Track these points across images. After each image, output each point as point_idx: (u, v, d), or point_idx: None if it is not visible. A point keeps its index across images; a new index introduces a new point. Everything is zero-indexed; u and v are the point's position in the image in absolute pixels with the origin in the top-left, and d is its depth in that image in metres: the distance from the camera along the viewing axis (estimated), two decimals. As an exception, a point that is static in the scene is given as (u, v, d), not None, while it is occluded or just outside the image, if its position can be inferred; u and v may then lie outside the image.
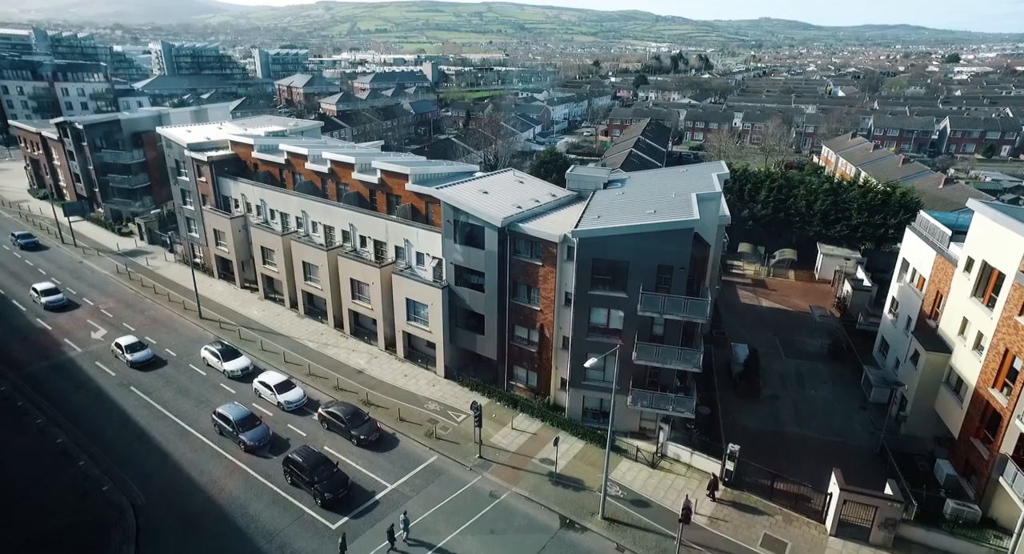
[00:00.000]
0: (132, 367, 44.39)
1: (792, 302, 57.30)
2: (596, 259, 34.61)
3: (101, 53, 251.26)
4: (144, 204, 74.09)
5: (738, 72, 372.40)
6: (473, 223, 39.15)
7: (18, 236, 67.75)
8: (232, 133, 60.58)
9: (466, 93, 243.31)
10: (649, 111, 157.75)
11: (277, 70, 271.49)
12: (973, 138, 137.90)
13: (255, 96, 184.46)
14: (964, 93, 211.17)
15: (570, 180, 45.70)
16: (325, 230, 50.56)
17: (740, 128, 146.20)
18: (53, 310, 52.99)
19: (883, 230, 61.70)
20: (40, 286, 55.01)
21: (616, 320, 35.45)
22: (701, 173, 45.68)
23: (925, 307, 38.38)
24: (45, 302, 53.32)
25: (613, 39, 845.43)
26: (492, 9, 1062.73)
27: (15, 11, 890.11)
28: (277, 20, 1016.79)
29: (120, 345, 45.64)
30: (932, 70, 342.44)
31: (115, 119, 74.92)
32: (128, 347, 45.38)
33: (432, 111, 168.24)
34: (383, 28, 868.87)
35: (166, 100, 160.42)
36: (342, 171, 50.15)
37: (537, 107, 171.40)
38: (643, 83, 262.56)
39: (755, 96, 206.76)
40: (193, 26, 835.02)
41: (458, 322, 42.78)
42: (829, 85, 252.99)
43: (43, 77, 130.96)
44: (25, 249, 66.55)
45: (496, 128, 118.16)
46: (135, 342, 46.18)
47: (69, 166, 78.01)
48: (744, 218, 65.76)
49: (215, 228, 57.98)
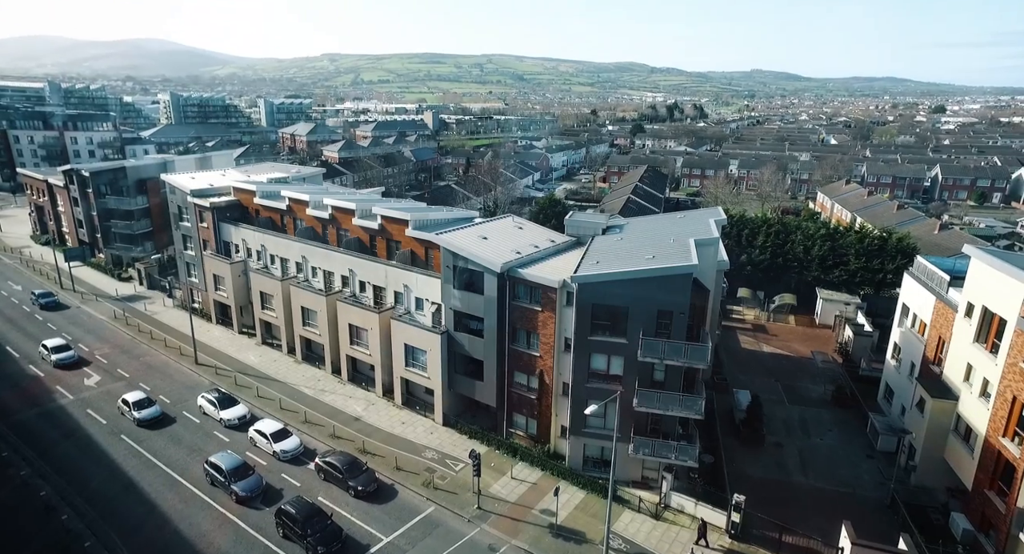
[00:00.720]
0: (140, 426, 42.09)
1: (793, 347, 56.90)
2: (596, 304, 34.53)
3: (111, 103, 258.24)
4: (145, 249, 74.50)
5: (732, 121, 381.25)
6: (472, 268, 39.21)
7: (39, 295, 64.44)
8: (235, 180, 61.41)
9: (466, 141, 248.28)
10: (646, 158, 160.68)
11: (281, 119, 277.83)
12: (964, 185, 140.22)
13: (259, 144, 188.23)
14: (952, 142, 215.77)
15: (569, 226, 46.04)
16: (325, 275, 50.62)
17: (736, 175, 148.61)
18: (63, 368, 50.31)
19: (881, 275, 61.86)
20: (50, 343, 52.21)
21: (616, 366, 35.08)
22: (699, 219, 46.11)
23: (928, 353, 38.06)
24: (55, 359, 50.60)
25: (610, 89, 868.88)
26: (492, 61, 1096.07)
27: (32, 65, 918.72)
28: (283, 71, 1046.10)
29: (127, 401, 43.27)
30: (920, 120, 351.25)
31: (121, 166, 76.22)
32: (136, 404, 43.02)
33: (432, 158, 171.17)
34: (385, 79, 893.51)
35: (172, 148, 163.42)
36: (343, 217, 50.58)
37: (536, 154, 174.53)
38: (640, 131, 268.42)
39: (750, 144, 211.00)
40: (201, 77, 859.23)
41: (457, 368, 42.32)
42: (821, 133, 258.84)
43: (53, 126, 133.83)
44: (46, 309, 63.35)
45: (495, 175, 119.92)
46: (143, 399, 43.77)
47: (73, 212, 78.78)
48: (743, 263, 66.00)
49: (215, 273, 58.06)
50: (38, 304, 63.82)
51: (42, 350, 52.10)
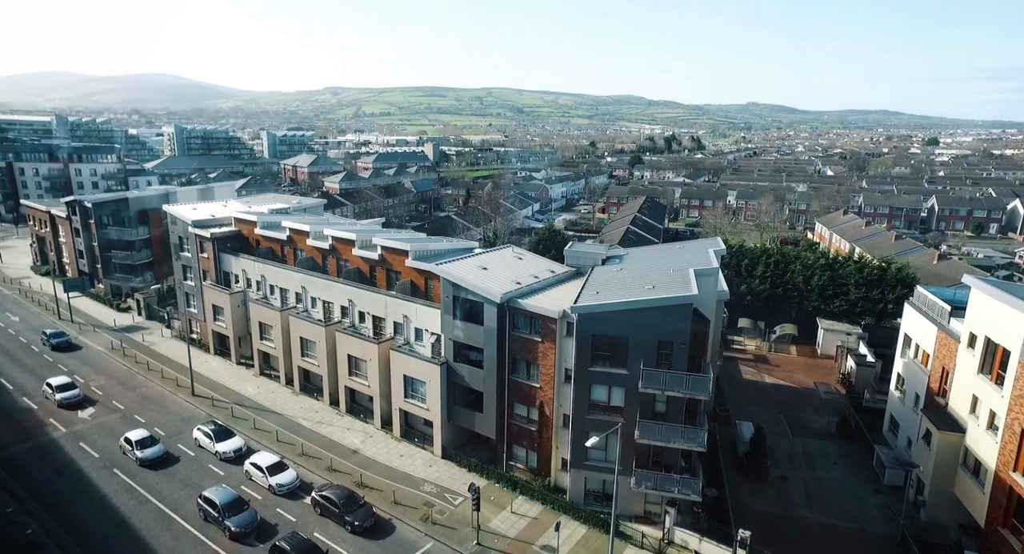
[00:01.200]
0: (142, 465, 40.58)
1: (795, 378, 56.43)
2: (596, 335, 34.34)
3: (116, 136, 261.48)
4: (145, 279, 74.54)
5: (729, 152, 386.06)
6: (472, 299, 39.12)
7: (50, 335, 61.04)
8: (236, 210, 61.75)
9: (466, 172, 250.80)
10: (645, 189, 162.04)
11: (284, 150, 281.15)
12: (961, 216, 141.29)
13: (261, 175, 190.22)
14: (947, 174, 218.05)
15: (569, 256, 46.14)
16: (324, 306, 50.47)
17: (734, 205, 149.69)
18: (67, 407, 48.48)
19: (882, 305, 61.75)
20: (55, 381, 50.12)
21: (617, 397, 34.70)
22: (698, 249, 46.21)
23: (932, 384, 37.69)
24: (60, 399, 48.65)
25: (608, 121, 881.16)
26: (492, 94, 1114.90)
27: (40, 100, 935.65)
28: (286, 104, 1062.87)
29: (130, 440, 41.67)
30: (914, 152, 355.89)
31: (123, 197, 76.86)
32: (139, 443, 41.41)
33: (433, 189, 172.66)
34: (387, 111, 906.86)
35: (174, 179, 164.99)
36: (343, 247, 50.69)
37: (535, 185, 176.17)
38: (638, 162, 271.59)
39: (747, 175, 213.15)
40: (206, 110, 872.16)
41: (456, 399, 41.86)
42: (818, 165, 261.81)
43: (59, 159, 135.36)
44: (57, 349, 60.08)
45: (495, 206, 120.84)
46: (146, 437, 42.21)
47: (74, 243, 79.03)
48: (743, 293, 65.95)
49: (214, 303, 57.92)
50: (49, 344, 60.47)
51: (46, 389, 49.94)
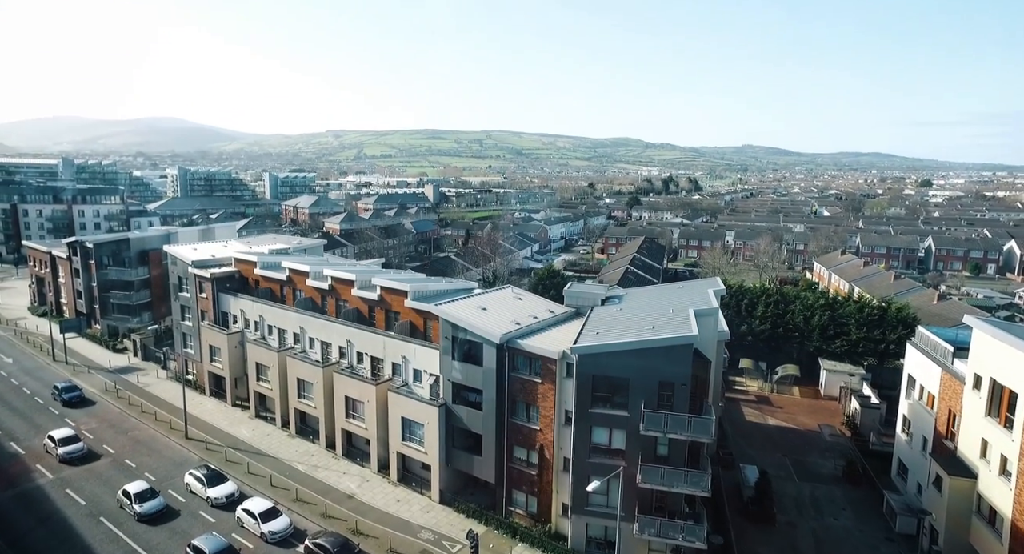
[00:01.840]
0: (140, 521, 38.58)
1: (799, 420, 55.58)
2: (596, 376, 33.97)
3: (121, 178, 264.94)
4: (142, 320, 74.19)
5: (726, 193, 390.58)
6: (471, 339, 38.85)
7: (62, 389, 56.94)
8: (236, 251, 61.95)
9: (466, 213, 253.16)
10: (643, 230, 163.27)
11: (285, 192, 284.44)
12: (958, 256, 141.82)
13: (262, 216, 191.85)
14: (942, 215, 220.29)
15: (568, 296, 46.06)
16: (322, 346, 50.09)
17: (732, 246, 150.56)
18: (68, 463, 45.58)
19: (884, 345, 61.30)
20: (58, 434, 47.33)
21: (618, 440, 34.06)
22: (697, 289, 46.22)
23: (939, 427, 37.06)
24: (62, 453, 45.64)
25: (606, 163, 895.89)
26: (491, 136, 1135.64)
27: (49, 144, 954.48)
28: (289, 146, 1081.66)
29: (128, 493, 39.68)
30: (908, 193, 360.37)
31: (124, 238, 77.18)
32: (137, 496, 39.41)
33: (433, 230, 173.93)
34: (388, 153, 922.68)
35: (176, 220, 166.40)
36: (342, 288, 50.64)
37: (535, 226, 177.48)
38: (636, 203, 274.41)
39: (744, 216, 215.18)
40: (210, 153, 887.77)
41: (455, 442, 41.07)
42: (814, 206, 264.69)
43: (63, 201, 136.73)
44: (68, 405, 55.73)
45: (495, 246, 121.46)
46: (145, 489, 40.28)
47: (73, 283, 78.98)
48: (743, 333, 65.62)
49: (211, 344, 57.48)
50: (60, 399, 56.26)
51: (48, 442, 47.08)
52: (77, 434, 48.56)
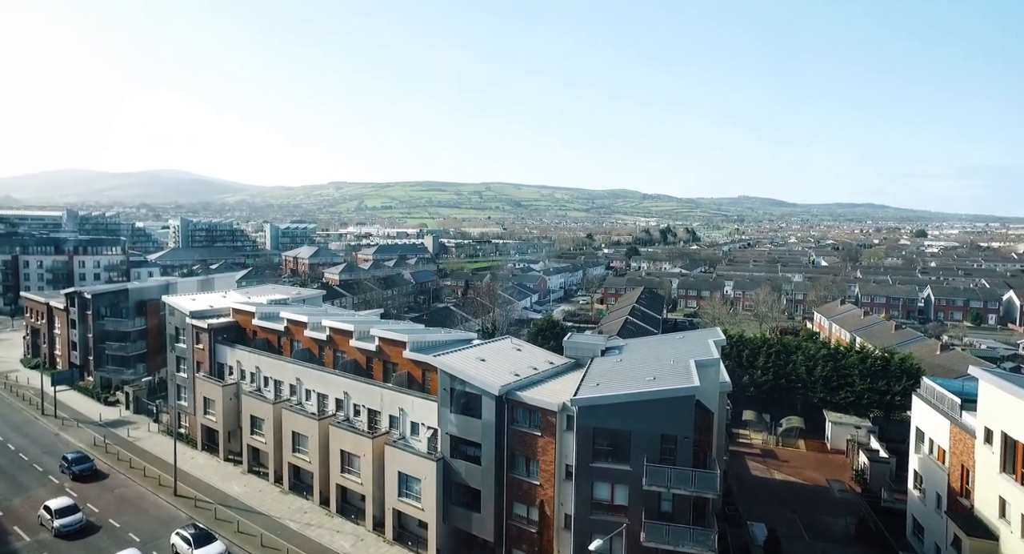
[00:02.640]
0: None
1: (807, 475, 54.08)
2: (597, 428, 33.27)
3: (123, 229, 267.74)
4: (136, 372, 73.24)
5: (724, 244, 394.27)
6: (470, 391, 38.23)
7: (72, 460, 51.74)
8: (235, 301, 61.80)
9: (465, 264, 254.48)
10: (642, 280, 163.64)
11: (286, 243, 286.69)
12: (958, 306, 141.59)
13: (262, 266, 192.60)
14: (939, 265, 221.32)
15: (568, 347, 45.67)
16: (319, 398, 49.25)
17: (732, 296, 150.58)
18: (65, 537, 42.16)
19: (889, 397, 60.36)
20: (55, 504, 43.89)
21: (621, 495, 33.03)
22: (698, 339, 45.86)
23: (953, 483, 35.96)
24: (58, 526, 42.26)
25: (604, 214, 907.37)
26: (491, 188, 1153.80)
27: (56, 196, 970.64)
28: (291, 198, 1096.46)
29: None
30: (904, 243, 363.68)
31: (123, 289, 77.14)
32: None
33: (432, 280, 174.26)
34: (388, 205, 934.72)
35: (176, 270, 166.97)
36: (340, 338, 50.22)
37: (534, 277, 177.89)
38: (635, 254, 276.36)
39: (743, 266, 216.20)
40: (212, 204, 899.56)
41: (452, 498, 39.79)
42: (811, 255, 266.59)
43: (64, 252, 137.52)
44: (79, 479, 50.65)
45: (494, 297, 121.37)
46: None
47: (69, 334, 78.38)
48: (745, 385, 64.72)
49: (205, 396, 56.49)
50: (70, 472, 51.18)
51: (43, 514, 43.65)
52: (76, 504, 44.83)
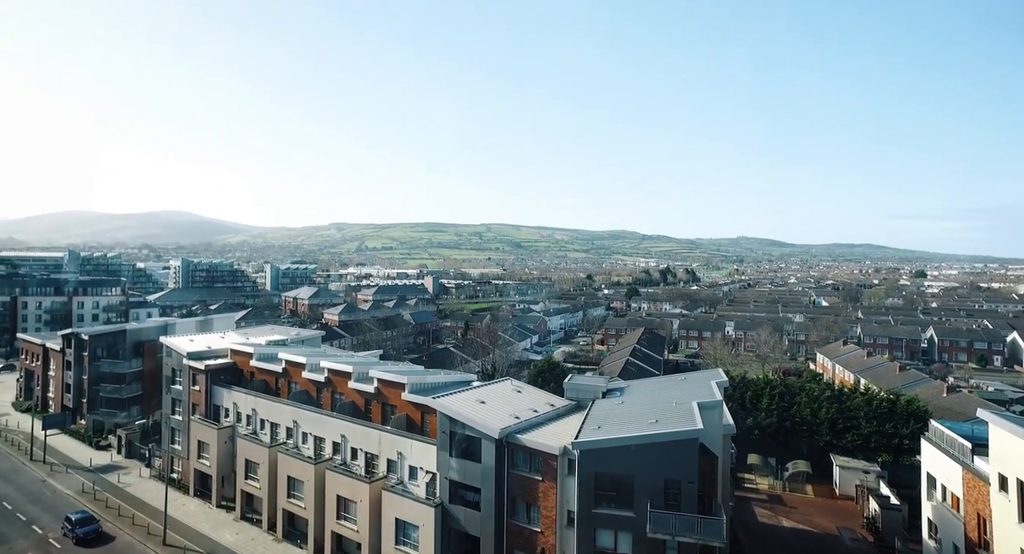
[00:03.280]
0: None
1: (816, 522, 52.50)
2: (599, 473, 32.50)
3: (124, 269, 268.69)
4: (131, 414, 72.11)
5: (724, 284, 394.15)
6: (470, 434, 37.53)
7: (76, 521, 47.50)
8: (233, 342, 61.34)
9: (465, 305, 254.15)
10: (643, 321, 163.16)
11: (286, 283, 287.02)
12: (961, 347, 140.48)
13: (261, 307, 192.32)
14: (940, 305, 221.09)
15: (568, 389, 45.10)
16: (316, 441, 48.30)
17: (733, 336, 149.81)
18: None
19: (897, 440, 59.19)
20: None
21: (624, 543, 31.99)
22: (700, 381, 45.29)
23: (970, 533, 34.77)
24: None
25: (604, 255, 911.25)
26: (491, 229, 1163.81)
27: (59, 237, 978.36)
28: (292, 239, 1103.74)
29: None
30: (904, 284, 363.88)
31: (121, 329, 76.72)
32: None
33: (432, 321, 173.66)
34: (389, 246, 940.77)
35: (175, 311, 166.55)
36: (338, 380, 49.61)
37: (534, 318, 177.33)
38: (635, 294, 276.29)
39: (743, 306, 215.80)
40: (214, 245, 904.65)
41: (451, 546, 38.55)
42: (812, 296, 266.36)
43: (64, 293, 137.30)
44: (82, 543, 46.37)
45: (494, 338, 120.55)
46: None
47: (63, 376, 77.50)
48: (749, 427, 63.62)
49: (200, 439, 55.45)
50: (72, 535, 46.97)
51: None
52: None
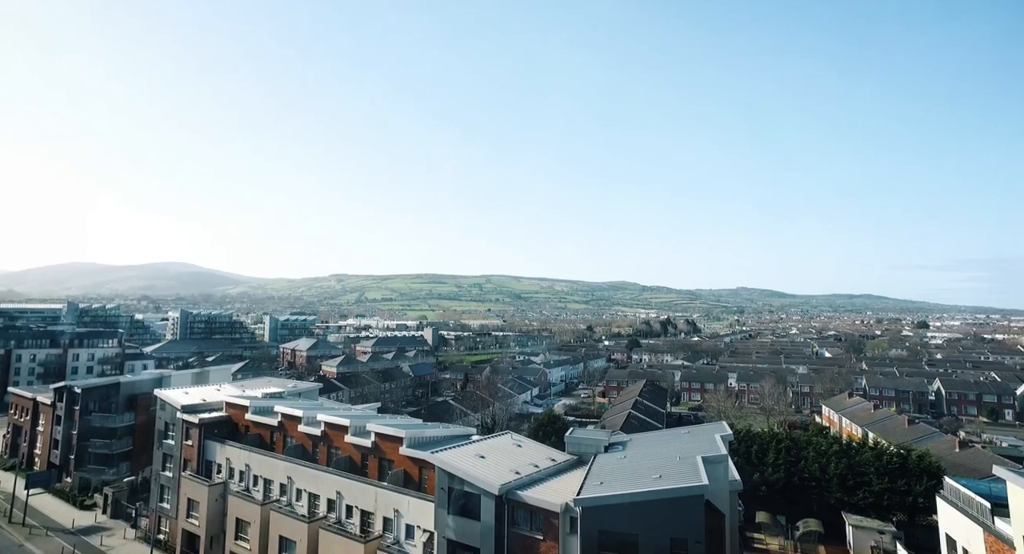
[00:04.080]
0: None
1: (830, 584, 50.24)
2: (602, 531, 31.24)
3: (122, 321, 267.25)
4: (119, 471, 70.16)
5: (725, 335, 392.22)
6: (469, 490, 36.32)
7: None
8: (229, 395, 60.37)
9: (465, 356, 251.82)
10: (644, 373, 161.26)
11: (284, 334, 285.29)
12: (970, 400, 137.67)
13: (259, 358, 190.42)
14: (945, 357, 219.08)
15: (570, 443, 44.05)
16: (310, 498, 46.74)
17: (736, 388, 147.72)
18: None
19: (911, 498, 57.23)
20: None
21: (632, 611, 30.35)
22: (704, 434, 44.23)
23: (992, 596, 33.20)
24: None
25: (604, 306, 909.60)
26: (491, 281, 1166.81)
27: (58, 289, 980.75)
28: (292, 290, 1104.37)
29: None
30: (907, 334, 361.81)
31: (115, 382, 75.50)
32: None
33: (431, 373, 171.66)
34: (389, 297, 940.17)
35: (172, 363, 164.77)
36: (335, 434, 48.50)
37: (534, 369, 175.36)
38: (636, 346, 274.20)
39: (745, 357, 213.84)
40: (213, 296, 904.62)
41: (447, 613, 36.67)
42: (815, 347, 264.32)
43: (60, 344, 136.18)
44: None
45: (494, 390, 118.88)
46: None
47: (52, 432, 75.76)
48: (756, 483, 61.73)
49: (190, 497, 53.68)
50: None
51: None
52: None
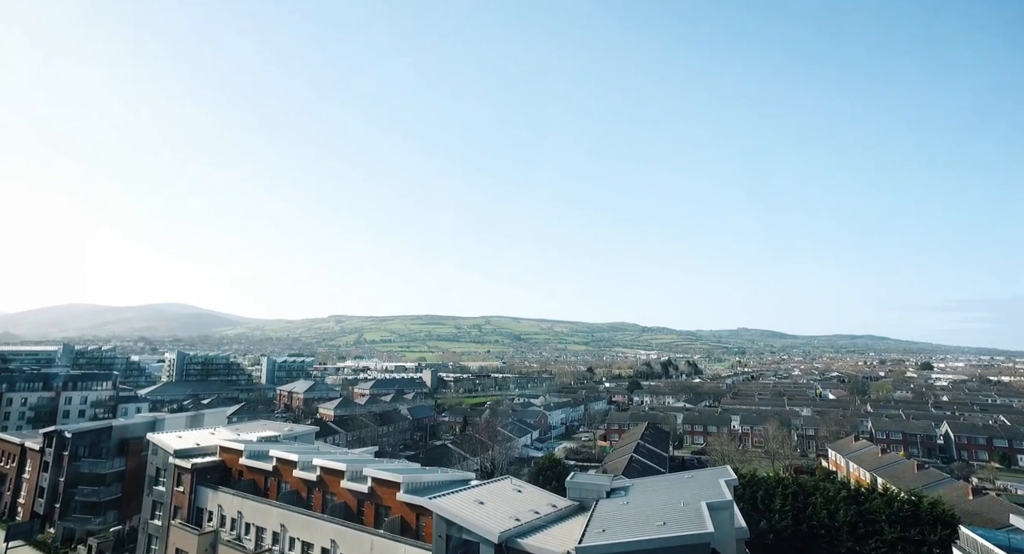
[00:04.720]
0: None
1: (844, 639, 48.10)
2: (607, 584, 29.94)
3: (118, 363, 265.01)
4: (106, 519, 67.94)
5: (727, 376, 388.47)
6: (467, 538, 35.18)
7: None
8: (223, 438, 59.18)
9: (464, 399, 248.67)
10: (646, 415, 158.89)
11: (282, 376, 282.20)
12: (980, 444, 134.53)
13: (255, 401, 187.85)
14: (951, 399, 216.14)
15: (571, 488, 42.99)
16: (303, 547, 45.27)
17: (739, 431, 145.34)
18: None
19: (925, 548, 55.28)
20: None
21: None
22: (708, 479, 43.17)
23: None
24: None
25: (604, 347, 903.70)
26: (490, 322, 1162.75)
27: (55, 331, 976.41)
28: (291, 331, 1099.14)
29: None
30: (911, 376, 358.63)
31: (107, 426, 74.08)
32: None
33: (429, 416, 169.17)
34: (388, 338, 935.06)
35: (166, 405, 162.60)
36: (331, 479, 47.29)
37: (534, 412, 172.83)
38: (637, 388, 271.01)
39: (748, 399, 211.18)
40: (211, 337, 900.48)
41: None
42: (818, 388, 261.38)
43: (52, 388, 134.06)
44: None
45: (493, 433, 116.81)
46: None
47: (38, 479, 73.63)
48: (763, 531, 59.87)
49: (178, 547, 51.92)
50: None
51: None
52: None
